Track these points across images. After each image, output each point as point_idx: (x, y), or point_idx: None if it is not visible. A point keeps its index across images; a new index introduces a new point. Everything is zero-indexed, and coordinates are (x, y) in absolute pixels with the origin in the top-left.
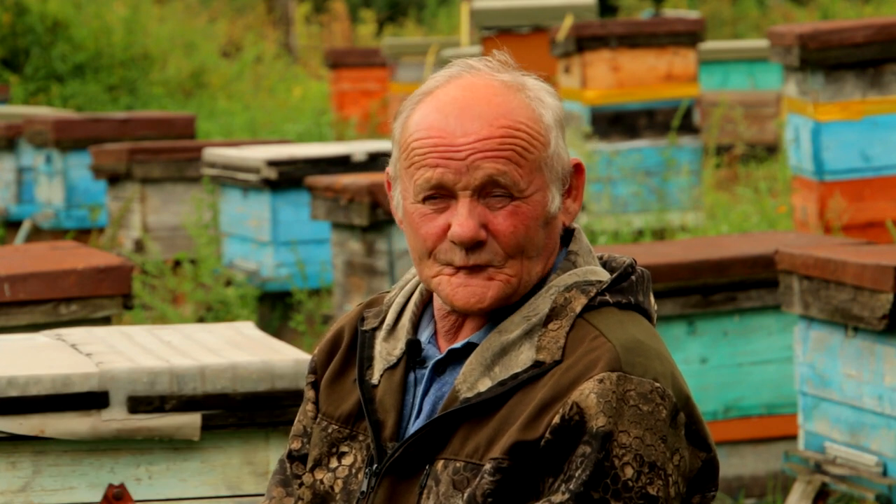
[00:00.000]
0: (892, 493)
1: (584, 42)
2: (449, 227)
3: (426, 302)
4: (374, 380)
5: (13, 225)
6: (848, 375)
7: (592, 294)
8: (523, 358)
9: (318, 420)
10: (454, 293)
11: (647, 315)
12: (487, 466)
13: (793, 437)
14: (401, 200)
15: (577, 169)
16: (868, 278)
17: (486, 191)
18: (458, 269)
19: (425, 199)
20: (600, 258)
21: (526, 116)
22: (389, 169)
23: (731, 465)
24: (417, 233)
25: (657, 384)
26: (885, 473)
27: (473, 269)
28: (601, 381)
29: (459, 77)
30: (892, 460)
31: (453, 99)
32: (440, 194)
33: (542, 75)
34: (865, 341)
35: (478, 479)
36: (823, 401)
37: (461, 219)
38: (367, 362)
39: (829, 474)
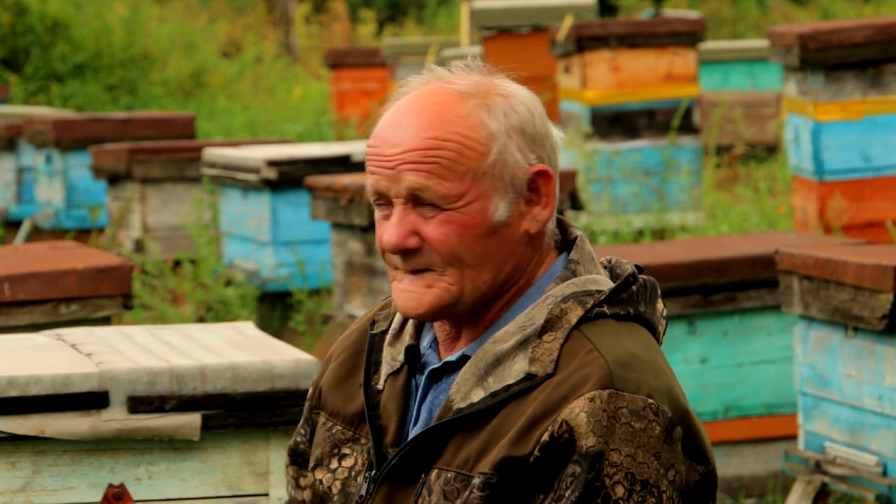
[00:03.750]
0: (892, 493)
1: (584, 42)
2: None
3: None
4: (380, 385)
5: (13, 225)
6: (848, 375)
7: (589, 305)
8: (516, 369)
9: (323, 420)
10: (398, 297)
11: (650, 325)
12: (476, 481)
13: (793, 437)
14: None
15: (544, 176)
16: (868, 278)
17: (417, 200)
18: (406, 273)
19: (376, 203)
20: (608, 262)
21: (463, 126)
22: None
23: (731, 465)
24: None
25: (651, 401)
26: (885, 473)
27: (416, 275)
28: (592, 399)
29: (422, 85)
30: (892, 460)
31: (398, 107)
32: (384, 201)
33: (522, 76)
34: (865, 341)
35: (467, 492)
36: (823, 401)
37: (391, 227)
38: (375, 366)
39: (829, 474)
